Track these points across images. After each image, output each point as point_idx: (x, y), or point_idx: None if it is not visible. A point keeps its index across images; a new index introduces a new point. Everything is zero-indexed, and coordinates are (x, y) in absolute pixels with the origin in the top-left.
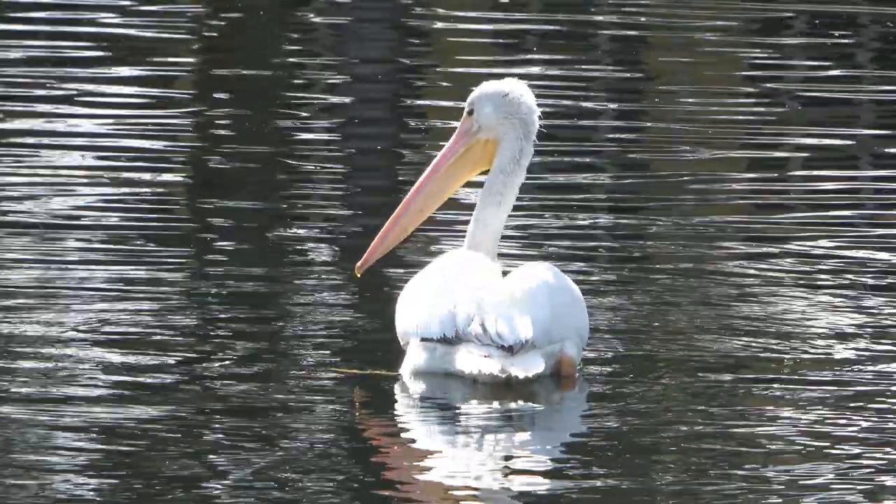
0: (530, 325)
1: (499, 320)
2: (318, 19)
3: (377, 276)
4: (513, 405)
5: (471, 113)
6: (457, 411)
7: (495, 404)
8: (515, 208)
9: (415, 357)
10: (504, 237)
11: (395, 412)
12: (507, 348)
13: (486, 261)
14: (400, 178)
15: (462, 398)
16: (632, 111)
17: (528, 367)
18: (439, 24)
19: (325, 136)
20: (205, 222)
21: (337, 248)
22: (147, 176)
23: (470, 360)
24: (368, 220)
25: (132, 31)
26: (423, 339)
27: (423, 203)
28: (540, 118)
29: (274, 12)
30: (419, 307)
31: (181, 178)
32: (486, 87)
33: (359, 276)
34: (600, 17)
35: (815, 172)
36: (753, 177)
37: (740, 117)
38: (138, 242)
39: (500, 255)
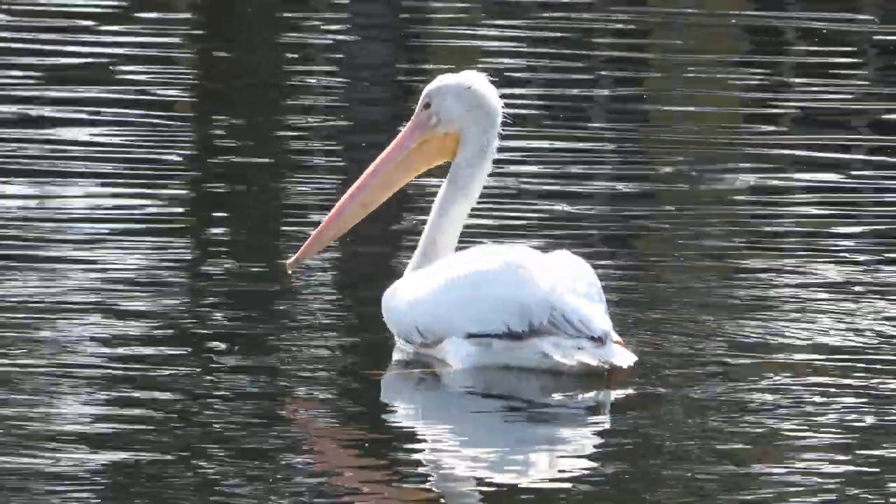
0: (605, 315)
1: (579, 312)
2: (315, 23)
3: (379, 277)
4: (564, 398)
5: (427, 106)
6: (517, 408)
7: (550, 398)
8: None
9: (463, 354)
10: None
11: (450, 411)
12: (596, 339)
13: (534, 252)
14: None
15: (524, 394)
16: (630, 111)
17: (625, 356)
18: (436, 29)
19: (323, 140)
20: (204, 227)
21: (336, 252)
22: (142, 183)
23: (564, 353)
24: (366, 223)
25: (126, 36)
26: (471, 336)
27: (368, 198)
28: (504, 115)
29: (269, 17)
30: (460, 303)
31: (177, 189)
32: (446, 79)
33: (289, 272)
34: (597, 23)
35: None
36: (755, 180)
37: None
38: (135, 245)
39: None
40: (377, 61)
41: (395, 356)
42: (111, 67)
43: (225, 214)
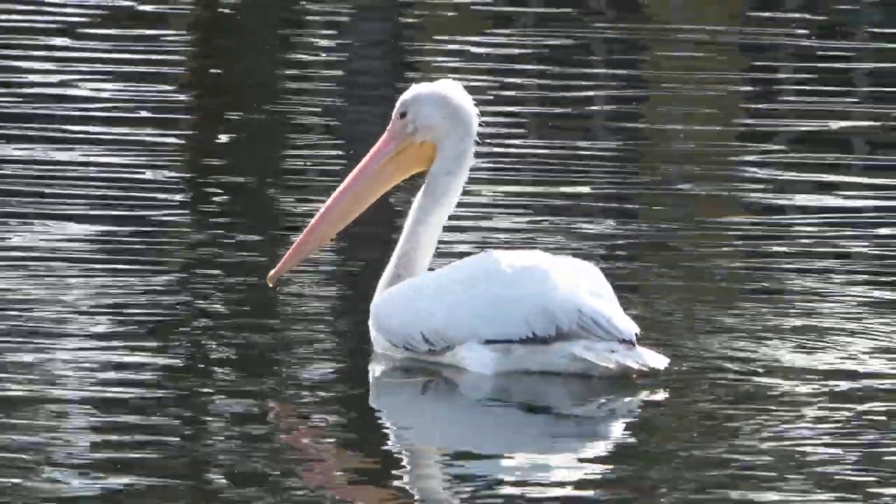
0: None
1: (606, 314)
2: (313, 38)
3: (367, 286)
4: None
5: (403, 115)
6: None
7: (576, 407)
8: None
9: (481, 359)
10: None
11: (469, 418)
12: (627, 341)
13: (547, 255)
14: (397, 189)
15: (547, 399)
16: (628, 117)
17: (657, 358)
18: (433, 45)
19: (319, 158)
20: (205, 234)
21: (334, 257)
22: (131, 202)
23: (598, 356)
24: (363, 229)
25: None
26: (490, 341)
27: (346, 208)
28: (479, 122)
29: (269, 29)
30: (477, 307)
31: (169, 205)
32: (422, 88)
33: (271, 285)
34: (596, 35)
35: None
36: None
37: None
38: (133, 253)
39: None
40: (375, 79)
41: (381, 365)
42: (103, 82)
43: (218, 230)
